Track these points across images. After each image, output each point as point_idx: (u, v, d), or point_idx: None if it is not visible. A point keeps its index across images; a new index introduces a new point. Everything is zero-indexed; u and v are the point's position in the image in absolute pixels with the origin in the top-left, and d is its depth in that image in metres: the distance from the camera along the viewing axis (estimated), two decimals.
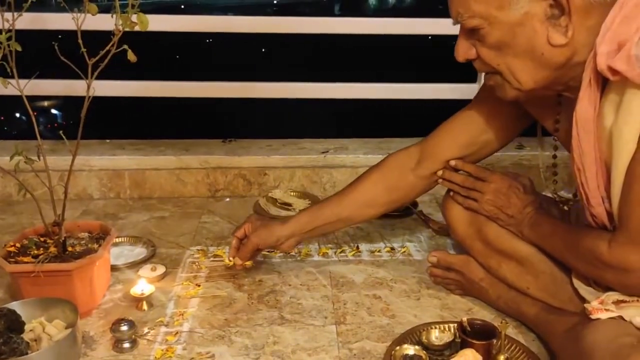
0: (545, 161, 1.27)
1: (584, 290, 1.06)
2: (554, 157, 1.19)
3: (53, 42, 1.18)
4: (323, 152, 1.97)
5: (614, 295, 0.99)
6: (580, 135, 0.94)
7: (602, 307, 0.99)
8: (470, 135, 1.24)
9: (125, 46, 1.15)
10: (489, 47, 0.96)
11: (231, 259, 1.35)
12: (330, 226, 1.35)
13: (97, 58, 1.16)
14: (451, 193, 1.29)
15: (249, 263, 1.35)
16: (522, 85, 0.97)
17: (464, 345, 1.09)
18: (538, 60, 0.93)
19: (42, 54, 1.45)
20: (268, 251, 1.54)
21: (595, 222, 1.00)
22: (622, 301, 0.98)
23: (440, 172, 1.27)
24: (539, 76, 0.95)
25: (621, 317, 0.97)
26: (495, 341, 1.08)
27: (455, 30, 2.10)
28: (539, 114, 1.15)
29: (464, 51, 1.00)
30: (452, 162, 1.26)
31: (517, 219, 1.17)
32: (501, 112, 1.19)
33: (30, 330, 1.10)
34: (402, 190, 1.32)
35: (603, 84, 0.90)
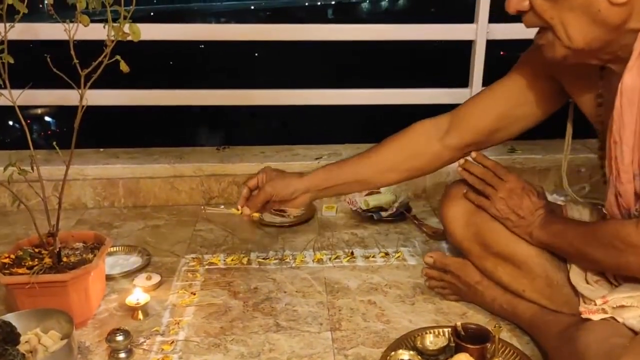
0: (568, 155, 1.25)
1: (582, 287, 1.06)
2: (601, 157, 1.10)
3: (45, 55, 1.19)
4: (317, 158, 1.97)
5: (620, 300, 0.98)
6: (624, 107, 0.92)
7: (600, 307, 0.99)
8: (504, 107, 1.20)
9: (118, 57, 1.15)
10: None
11: (239, 207, 1.27)
12: (347, 187, 1.31)
13: (89, 69, 1.16)
14: (464, 190, 1.26)
15: (257, 215, 1.27)
16: (573, 43, 0.92)
17: (458, 349, 1.09)
18: (593, 17, 0.89)
19: (35, 62, 1.45)
20: (263, 259, 1.55)
21: (618, 204, 0.98)
22: (627, 306, 0.98)
23: (461, 161, 1.25)
24: (591, 35, 0.91)
25: (613, 318, 0.98)
26: (489, 345, 1.08)
27: (448, 34, 2.12)
28: (578, 92, 1.12)
29: (517, 1, 0.95)
30: (473, 154, 1.24)
31: (528, 220, 1.16)
32: (538, 86, 1.16)
33: (26, 342, 1.10)
34: (426, 158, 1.28)
35: None
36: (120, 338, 1.13)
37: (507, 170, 1.21)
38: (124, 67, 1.18)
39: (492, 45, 2.01)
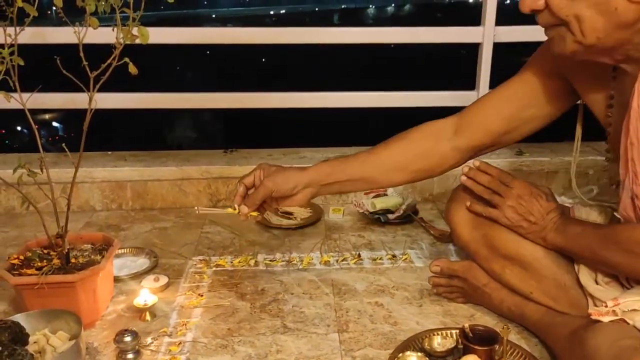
0: (577, 158, 1.23)
1: (592, 288, 1.05)
2: (608, 159, 1.12)
3: (55, 57, 1.20)
4: (324, 161, 1.97)
5: (632, 304, 0.97)
6: None
7: (611, 309, 0.98)
8: (514, 109, 1.18)
9: (127, 59, 1.16)
10: None
11: (236, 206, 1.19)
12: (351, 184, 1.25)
13: (98, 71, 1.17)
14: (468, 203, 1.23)
15: (255, 213, 1.20)
16: (586, 39, 0.91)
17: (466, 351, 1.09)
18: (610, 14, 0.88)
19: (44, 66, 1.46)
20: (270, 260, 1.55)
21: (634, 206, 0.96)
22: (639, 310, 0.97)
23: (465, 169, 1.22)
24: (604, 32, 0.90)
25: (623, 320, 0.97)
26: (497, 347, 1.08)
27: (455, 37, 2.12)
28: (589, 92, 1.10)
29: (531, 1, 0.93)
30: (476, 163, 1.21)
31: (540, 225, 1.14)
32: (548, 86, 1.14)
33: (35, 342, 1.10)
34: (434, 159, 1.24)
35: None
36: (128, 339, 1.13)
37: (512, 177, 1.19)
38: (132, 69, 1.19)
39: (499, 48, 2.02)
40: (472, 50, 2.04)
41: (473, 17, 2.05)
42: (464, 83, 2.11)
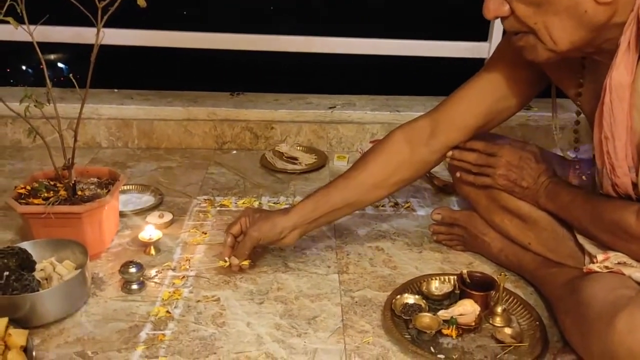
0: (557, 124, 1.25)
1: (589, 245, 1.06)
2: (577, 123, 1.14)
3: None
4: (330, 108, 1.97)
5: (621, 257, 0.99)
6: (614, 103, 0.90)
7: (603, 265, 1.00)
8: (488, 103, 1.17)
9: None
10: (527, 3, 0.89)
11: (227, 259, 1.21)
12: (337, 213, 1.24)
13: (107, 1, 1.15)
14: (458, 174, 1.25)
15: (246, 262, 1.21)
16: (558, 46, 0.90)
17: (463, 295, 1.12)
18: (579, 18, 0.87)
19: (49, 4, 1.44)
20: (274, 203, 1.56)
21: (616, 192, 0.97)
22: (629, 264, 0.98)
23: (449, 153, 1.22)
24: (576, 36, 0.89)
25: (620, 272, 0.98)
26: (493, 293, 1.10)
27: None
28: (560, 79, 1.11)
29: (495, 7, 0.92)
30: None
31: (532, 189, 1.15)
32: (518, 77, 1.14)
33: (41, 270, 1.13)
34: (414, 167, 1.24)
35: None
36: (133, 270, 1.15)
37: (498, 145, 1.19)
38: (141, 1, 1.17)
39: None
40: None
41: None
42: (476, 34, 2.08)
